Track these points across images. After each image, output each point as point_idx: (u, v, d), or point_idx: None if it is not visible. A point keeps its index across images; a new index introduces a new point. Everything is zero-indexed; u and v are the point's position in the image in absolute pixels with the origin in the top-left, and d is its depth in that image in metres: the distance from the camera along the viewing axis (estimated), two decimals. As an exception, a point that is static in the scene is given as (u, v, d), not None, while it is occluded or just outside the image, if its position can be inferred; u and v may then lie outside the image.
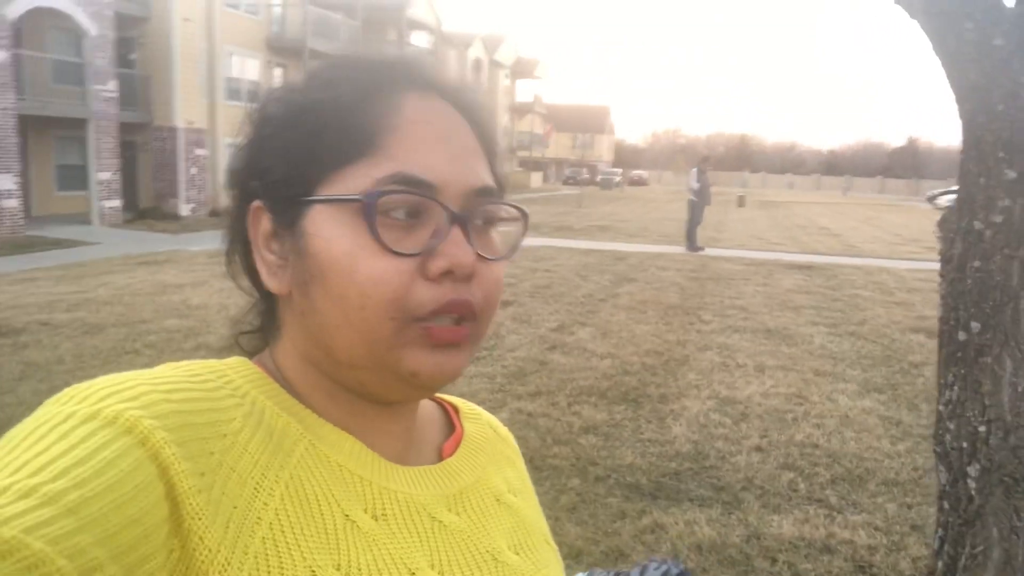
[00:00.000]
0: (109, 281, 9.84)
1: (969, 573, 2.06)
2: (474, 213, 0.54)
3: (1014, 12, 1.72)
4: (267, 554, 0.45)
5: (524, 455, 2.95)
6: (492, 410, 4.87)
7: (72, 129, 18.33)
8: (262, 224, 0.55)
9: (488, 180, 0.55)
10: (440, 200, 0.52)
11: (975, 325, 2.07)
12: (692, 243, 15.29)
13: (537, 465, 4.20)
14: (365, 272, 0.50)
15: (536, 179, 54.21)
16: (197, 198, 21.07)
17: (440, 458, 0.61)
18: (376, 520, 0.51)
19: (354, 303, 0.50)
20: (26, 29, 16.44)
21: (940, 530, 2.27)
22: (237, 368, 0.53)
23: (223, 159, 22.33)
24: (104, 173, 17.92)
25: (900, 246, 18.24)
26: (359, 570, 0.47)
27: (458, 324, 0.52)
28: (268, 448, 0.49)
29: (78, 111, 17.39)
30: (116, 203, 18.38)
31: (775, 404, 5.47)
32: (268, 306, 0.58)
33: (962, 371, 2.09)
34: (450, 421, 0.66)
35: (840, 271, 12.73)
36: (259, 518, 0.46)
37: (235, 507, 0.45)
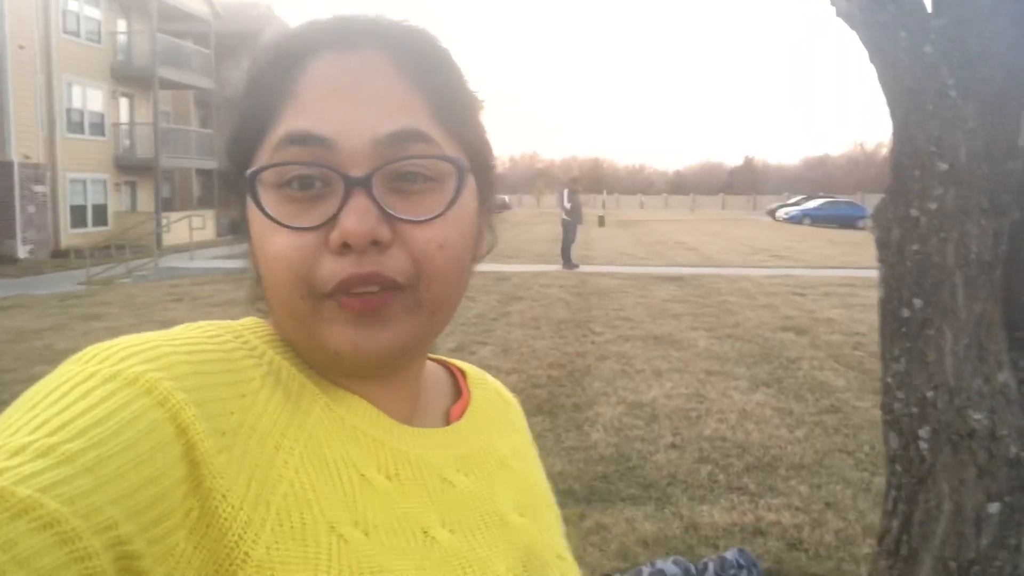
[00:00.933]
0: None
1: (924, 527, 2.27)
2: (384, 169, 0.49)
3: (939, 24, 1.97)
4: (288, 510, 0.45)
5: None
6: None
7: None
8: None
9: (410, 123, 0.50)
10: (340, 160, 0.48)
11: (917, 302, 2.30)
12: (568, 261, 15.73)
13: (470, 480, 4.18)
14: (270, 250, 0.50)
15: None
16: (36, 238, 19.44)
17: (447, 422, 0.61)
18: (389, 480, 0.51)
19: (271, 281, 0.51)
20: None
21: (893, 491, 2.48)
22: (253, 328, 0.53)
23: (65, 195, 20.73)
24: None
25: (752, 255, 19.60)
26: (375, 527, 0.48)
27: (379, 292, 0.49)
28: (287, 408, 0.49)
29: None
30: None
31: (679, 404, 5.73)
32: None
33: (907, 344, 2.30)
34: (457, 386, 0.67)
35: (705, 280, 13.51)
36: (280, 476, 0.46)
37: (257, 465, 0.45)
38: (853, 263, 17.25)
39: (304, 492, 0.46)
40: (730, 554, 2.55)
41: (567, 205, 15.75)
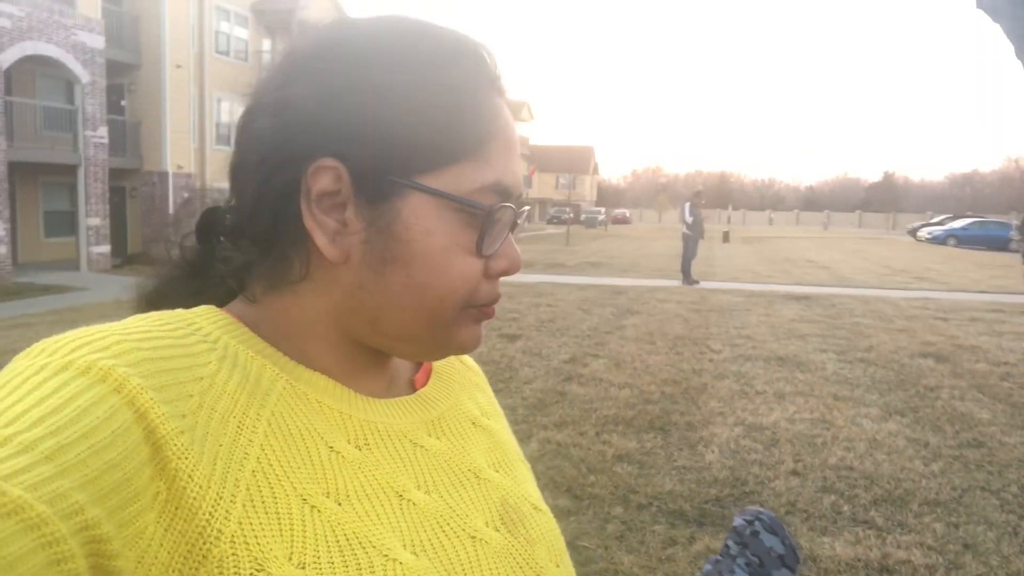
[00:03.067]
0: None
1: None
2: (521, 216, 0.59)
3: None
4: (259, 485, 0.46)
5: (561, 484, 2.94)
6: (520, 440, 4.85)
7: (60, 175, 18.23)
8: (322, 182, 0.52)
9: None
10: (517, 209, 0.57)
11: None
12: (687, 277, 15.35)
13: (577, 494, 4.11)
14: (458, 270, 0.53)
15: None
16: (186, 242, 20.93)
17: (413, 389, 0.63)
18: (360, 450, 0.52)
19: (436, 294, 0.53)
20: (16, 76, 16.43)
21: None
22: (205, 315, 0.53)
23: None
24: (93, 219, 17.78)
25: (890, 276, 18.43)
26: (348, 496, 0.49)
27: None
28: (246, 389, 0.49)
29: (69, 157, 17.31)
30: (105, 249, 18.20)
31: (802, 429, 5.42)
32: (281, 255, 0.55)
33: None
34: None
35: (837, 301, 12.80)
36: (246, 454, 0.46)
37: (220, 445, 0.45)
38: (1003, 287, 15.88)
39: (272, 467, 0.47)
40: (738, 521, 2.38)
41: (688, 219, 15.39)
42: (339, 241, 0.53)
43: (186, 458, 0.43)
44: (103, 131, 17.86)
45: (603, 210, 63.29)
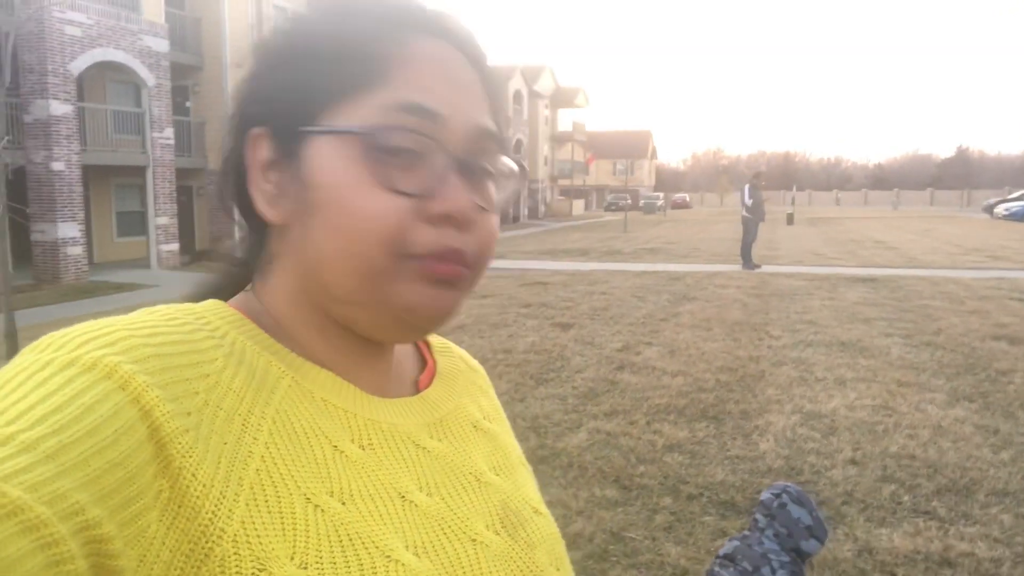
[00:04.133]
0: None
1: None
2: (476, 159, 0.54)
3: None
4: (262, 484, 0.45)
5: (609, 475, 2.90)
6: (569, 430, 4.85)
7: (130, 176, 18.93)
8: (260, 152, 0.54)
9: (492, 125, 0.55)
10: (444, 138, 0.52)
11: None
12: (748, 261, 15.03)
13: (625, 484, 4.08)
14: (364, 206, 0.50)
15: (578, 206, 54.26)
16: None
17: (417, 390, 0.62)
18: (363, 449, 0.52)
19: (351, 237, 0.50)
20: (88, 82, 17.11)
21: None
22: (214, 310, 0.53)
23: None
24: (162, 218, 18.42)
25: (962, 256, 17.68)
26: (351, 495, 0.48)
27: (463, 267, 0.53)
28: (252, 386, 0.49)
29: (138, 159, 17.96)
30: (174, 247, 18.85)
31: (862, 416, 5.25)
32: (258, 239, 0.58)
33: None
34: (422, 355, 0.68)
35: (904, 283, 12.35)
36: (250, 452, 0.46)
37: (225, 443, 0.45)
38: (1089, 265, 15.07)
39: (276, 466, 0.47)
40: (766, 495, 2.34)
41: (748, 202, 15.05)
42: (276, 203, 0.54)
43: (190, 456, 0.43)
44: (169, 132, 18.46)
45: (661, 195, 62.45)
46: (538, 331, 8.40)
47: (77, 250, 15.92)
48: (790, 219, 32.96)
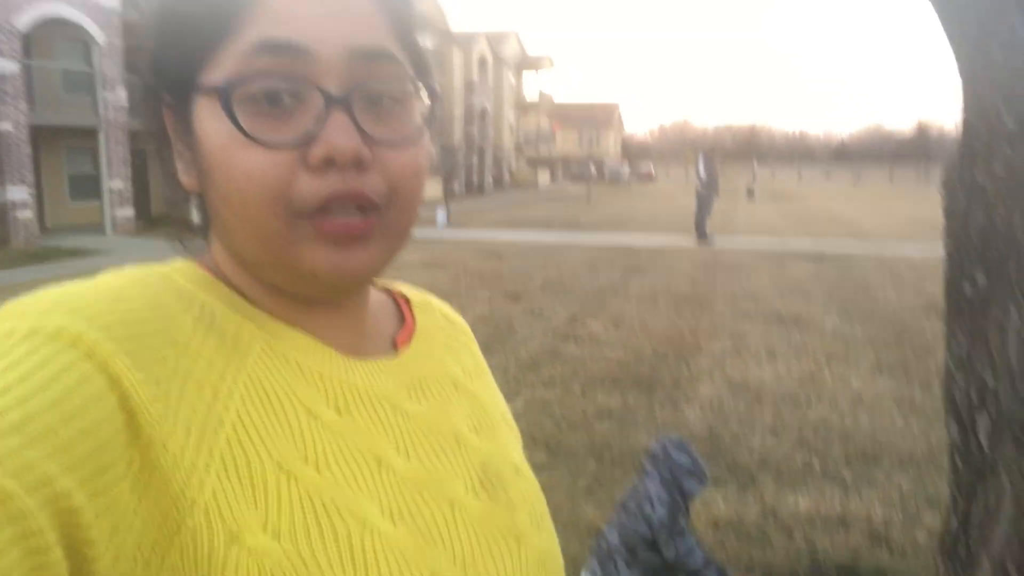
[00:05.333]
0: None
1: (983, 528, 2.10)
2: (360, 88, 0.48)
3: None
4: (233, 454, 0.44)
5: (539, 440, 3.04)
6: (507, 398, 4.99)
7: (82, 139, 18.51)
8: (171, 121, 0.52)
9: (380, 41, 0.49)
10: (315, 72, 0.47)
11: (980, 277, 2.12)
12: (702, 234, 15.28)
13: (553, 450, 4.25)
14: (240, 167, 0.47)
15: (543, 177, 54.24)
16: (208, 204, 21.20)
17: (394, 349, 0.60)
18: (339, 413, 0.50)
19: (236, 200, 0.48)
20: (35, 39, 16.62)
21: (952, 486, 2.31)
22: (182, 271, 0.51)
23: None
24: (116, 182, 18.09)
25: (912, 232, 18.17)
26: (327, 461, 0.47)
27: (362, 216, 0.49)
28: (223, 351, 0.47)
29: (89, 120, 17.56)
30: (129, 212, 18.54)
31: (789, 387, 5.49)
32: (203, 203, 0.55)
33: (968, 324, 2.13)
34: (401, 312, 0.65)
35: (852, 259, 12.70)
36: (221, 420, 0.45)
37: (195, 411, 0.44)
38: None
39: (248, 434, 0.45)
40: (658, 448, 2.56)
41: (703, 175, 15.26)
42: (187, 170, 0.52)
43: (160, 426, 0.42)
44: (122, 93, 18.05)
45: (627, 166, 62.69)
46: (489, 302, 8.54)
47: (27, 214, 15.59)
48: (750, 193, 33.40)
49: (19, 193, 15.40)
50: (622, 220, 21.52)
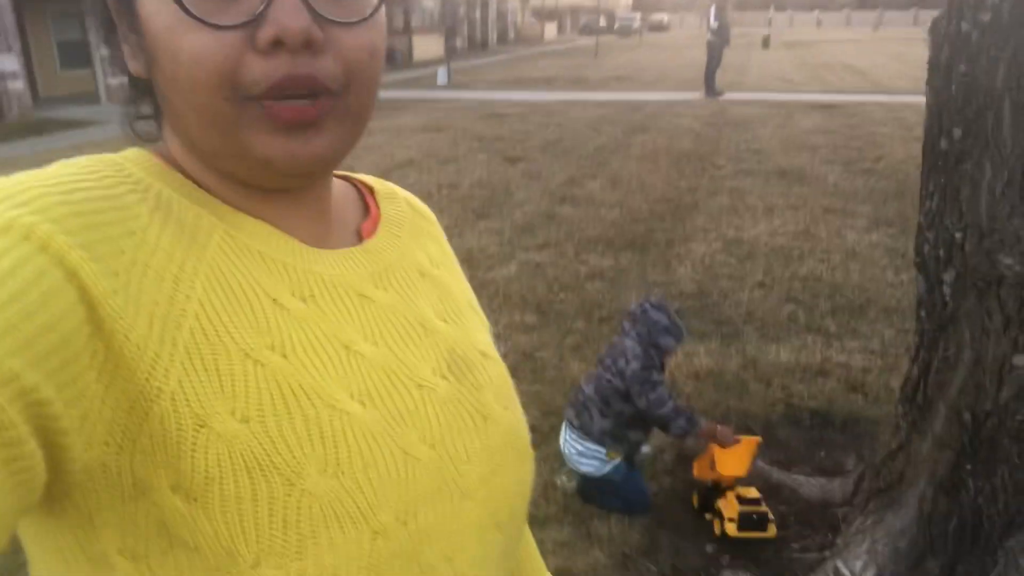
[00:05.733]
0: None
1: (940, 375, 2.18)
2: None
3: None
4: (198, 344, 0.44)
5: (531, 302, 3.13)
6: (500, 262, 5.02)
7: (68, 3, 17.79)
8: (115, 6, 0.50)
9: None
10: None
11: (957, 132, 2.08)
12: (711, 88, 14.82)
13: (544, 310, 4.35)
14: (186, 49, 0.45)
15: (550, 30, 52.02)
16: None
17: (360, 239, 0.60)
18: (304, 302, 0.50)
19: (183, 85, 0.46)
20: None
21: (916, 337, 2.38)
22: (136, 160, 0.50)
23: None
24: (107, 48, 17.53)
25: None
26: (293, 348, 0.48)
27: (313, 101, 0.47)
28: (182, 241, 0.47)
29: (70, -16, 16.82)
30: (123, 79, 18.07)
31: (781, 242, 5.51)
32: (152, 90, 0.52)
33: (942, 180, 2.12)
34: (365, 202, 0.64)
35: (862, 109, 12.34)
36: (183, 311, 0.45)
37: (156, 303, 0.44)
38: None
39: (212, 323, 0.45)
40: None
41: (714, 24, 14.59)
42: (134, 55, 0.50)
43: (122, 319, 0.42)
44: (102, -46, 17.14)
45: (638, 17, 59.85)
46: (487, 165, 8.44)
47: (18, 85, 15.25)
48: (765, 42, 32.00)
49: (9, 63, 15.00)
50: (631, 75, 20.83)
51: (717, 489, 2.51)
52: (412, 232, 0.65)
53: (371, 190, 0.66)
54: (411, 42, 28.30)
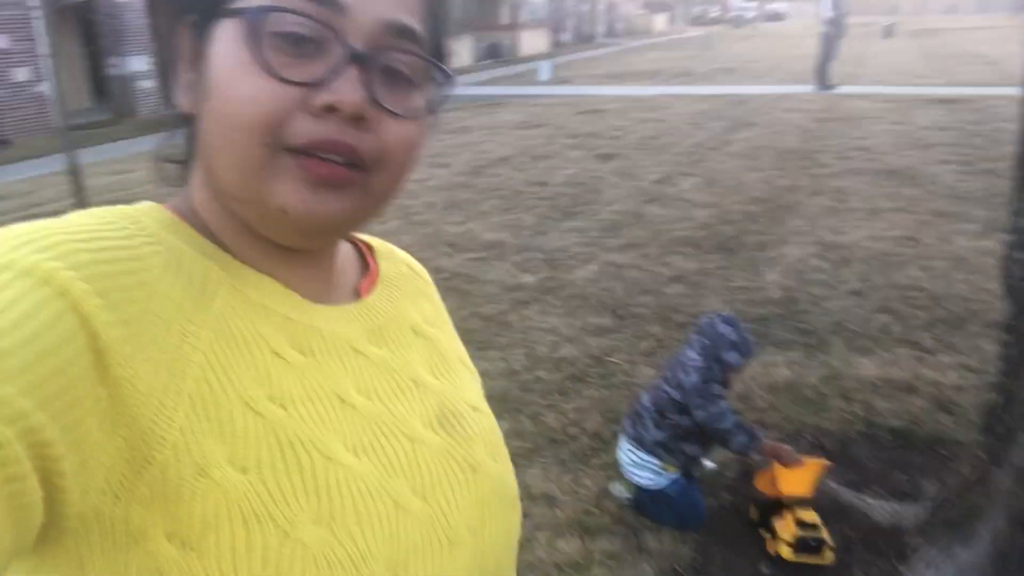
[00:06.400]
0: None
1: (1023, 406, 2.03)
2: (382, 55, 0.50)
3: None
4: (201, 394, 0.46)
5: (608, 304, 3.20)
6: (581, 263, 5.02)
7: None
8: (184, 42, 0.54)
9: (411, 20, 0.52)
10: (344, 28, 0.49)
11: (1046, 150, 1.93)
12: (822, 80, 14.16)
13: (620, 313, 4.30)
14: (243, 91, 0.48)
15: (660, 21, 50.96)
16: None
17: (358, 297, 0.62)
18: (303, 355, 0.53)
19: (229, 122, 0.49)
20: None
21: (1001, 363, 2.22)
22: (149, 213, 0.52)
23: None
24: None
25: (1072, 70, 16.09)
26: (292, 400, 0.50)
27: (346, 166, 0.50)
28: (190, 294, 0.49)
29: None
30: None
31: (882, 248, 5.23)
32: (191, 133, 0.56)
33: (1031, 195, 1.97)
34: (365, 260, 0.67)
35: (989, 102, 11.47)
36: (189, 360, 0.46)
37: (163, 352, 0.45)
38: None
39: (216, 374, 0.47)
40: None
41: (830, 13, 13.91)
42: (189, 93, 0.53)
43: (129, 366, 0.43)
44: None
45: (753, 6, 57.85)
46: (579, 163, 8.41)
47: (148, 83, 16.36)
48: (888, 31, 30.24)
49: (143, 64, 16.11)
50: (740, 67, 20.20)
51: (777, 505, 2.43)
52: (407, 291, 0.68)
53: (371, 249, 0.69)
54: (517, 37, 28.44)
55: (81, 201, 7.40)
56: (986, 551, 2.05)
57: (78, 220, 0.47)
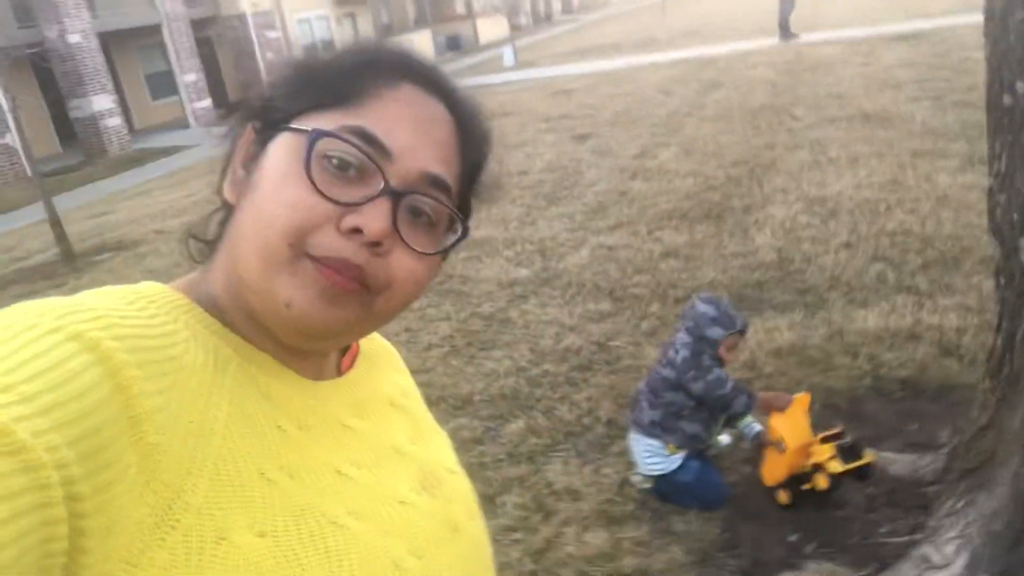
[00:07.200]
0: (213, 180, 10.36)
1: None
2: (414, 196, 0.57)
3: None
4: (223, 460, 0.50)
5: (604, 288, 3.38)
6: (572, 249, 5.02)
7: (148, 36, 18.72)
8: (246, 143, 0.61)
9: (444, 174, 0.58)
10: (387, 169, 0.55)
11: (1020, 86, 1.95)
12: (785, 31, 14.17)
13: (618, 296, 4.32)
14: (286, 195, 0.54)
15: (616, -9, 50.67)
16: (280, 81, 21.30)
17: (340, 372, 0.68)
18: (301, 429, 0.58)
19: (265, 218, 0.54)
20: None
21: (998, 306, 2.25)
22: (161, 294, 0.56)
23: (294, 36, 22.30)
24: (189, 75, 18.37)
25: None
26: (297, 471, 0.54)
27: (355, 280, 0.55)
28: (208, 369, 0.53)
29: (150, 17, 17.67)
30: (206, 103, 18.91)
31: (867, 195, 5.25)
32: (225, 218, 0.62)
33: (1008, 138, 1.98)
34: None
35: (951, 34, 11.50)
36: (212, 430, 0.50)
37: (191, 422, 0.49)
38: None
39: (235, 443, 0.51)
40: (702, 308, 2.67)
41: (787, -37, 13.89)
42: (236, 186, 0.60)
43: (163, 434, 0.46)
44: (175, -16, 17.92)
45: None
46: (556, 146, 8.40)
47: (115, 121, 16.20)
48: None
49: (104, 102, 15.95)
50: (700, 29, 20.16)
51: (798, 479, 2.46)
52: (382, 367, 0.74)
53: None
54: (476, 26, 28.26)
55: (67, 250, 7.36)
56: (1007, 495, 2.08)
57: (104, 298, 0.51)
